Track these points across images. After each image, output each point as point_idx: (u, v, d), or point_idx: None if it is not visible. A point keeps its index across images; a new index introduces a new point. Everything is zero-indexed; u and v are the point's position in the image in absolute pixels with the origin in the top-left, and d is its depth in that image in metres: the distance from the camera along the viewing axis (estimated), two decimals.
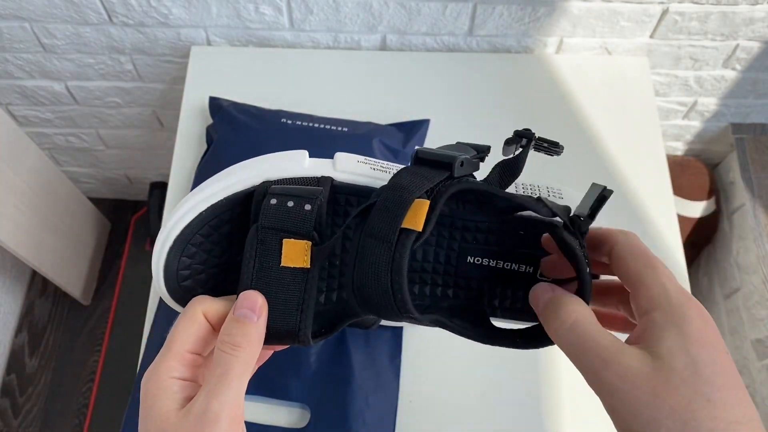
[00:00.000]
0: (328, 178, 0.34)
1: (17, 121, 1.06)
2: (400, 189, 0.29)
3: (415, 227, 0.28)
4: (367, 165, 0.35)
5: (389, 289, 0.29)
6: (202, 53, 0.84)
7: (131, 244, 1.34)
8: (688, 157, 1.08)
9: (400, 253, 0.28)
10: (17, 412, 1.19)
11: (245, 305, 0.31)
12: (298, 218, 0.31)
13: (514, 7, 0.77)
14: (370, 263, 0.29)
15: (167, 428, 0.28)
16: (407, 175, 0.30)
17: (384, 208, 0.29)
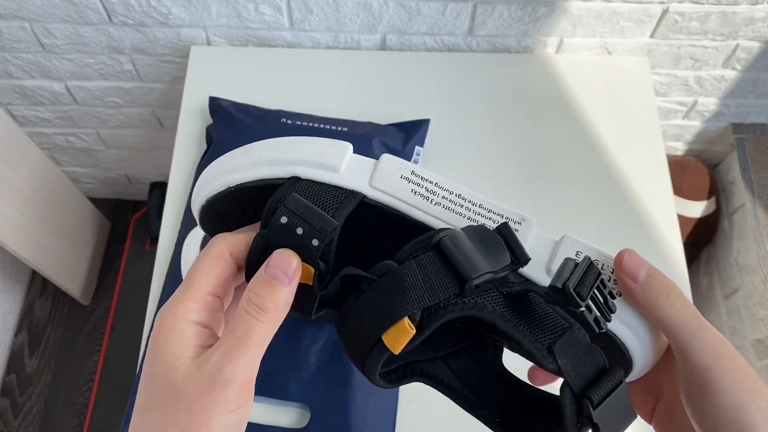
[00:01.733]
0: (358, 194, 0.31)
1: (17, 121, 1.06)
2: (397, 291, 0.27)
3: (392, 349, 0.26)
4: (409, 185, 0.31)
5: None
6: (201, 53, 0.84)
7: (131, 244, 1.34)
8: (688, 157, 1.08)
9: (368, 369, 0.28)
10: (17, 412, 1.19)
11: (279, 265, 0.28)
12: (303, 248, 0.29)
13: (514, 7, 0.77)
14: (350, 345, 0.29)
15: (176, 377, 0.26)
16: (414, 273, 0.27)
17: (371, 303, 0.27)
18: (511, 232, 0.28)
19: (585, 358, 0.27)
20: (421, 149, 0.74)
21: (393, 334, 0.26)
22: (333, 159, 0.31)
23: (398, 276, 0.27)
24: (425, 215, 0.31)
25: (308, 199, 0.30)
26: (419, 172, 0.31)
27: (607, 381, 0.27)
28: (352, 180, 0.31)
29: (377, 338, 0.27)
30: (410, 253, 0.27)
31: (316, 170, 0.31)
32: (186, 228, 0.66)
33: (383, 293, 0.27)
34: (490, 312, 0.27)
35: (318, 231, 0.29)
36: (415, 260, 0.27)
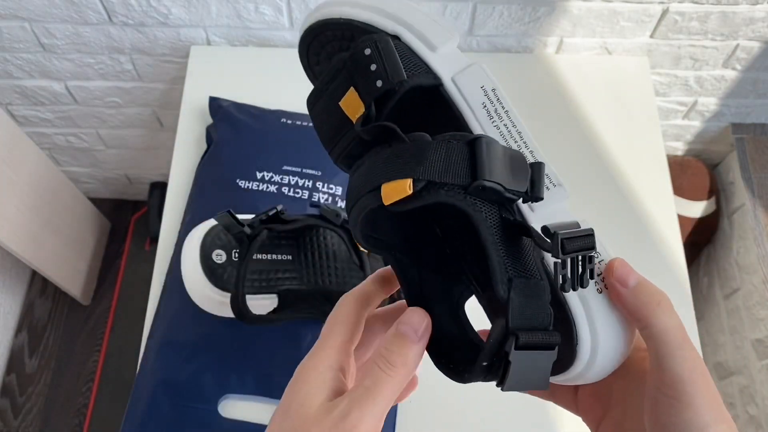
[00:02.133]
0: (438, 78, 0.32)
1: (17, 121, 1.06)
2: (416, 157, 0.28)
3: (384, 198, 0.28)
4: (483, 97, 0.33)
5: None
6: (201, 53, 0.84)
7: (131, 244, 1.34)
8: (688, 157, 1.08)
9: (358, 210, 0.30)
10: (17, 412, 1.19)
11: (410, 322, 0.30)
12: (366, 83, 0.31)
13: (514, 6, 0.77)
14: (353, 188, 0.31)
15: (308, 414, 0.28)
16: (440, 152, 0.28)
17: (390, 157, 0.29)
18: (540, 171, 0.29)
19: (535, 309, 0.28)
20: None
21: (392, 187, 0.28)
22: (436, 38, 0.33)
23: (425, 147, 0.28)
24: (480, 129, 0.32)
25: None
26: (499, 93, 0.33)
27: (541, 336, 0.27)
28: (440, 64, 0.33)
29: (377, 185, 0.28)
30: (447, 138, 0.28)
31: (417, 40, 0.33)
32: (186, 228, 0.66)
33: (404, 153, 0.28)
34: (480, 215, 0.28)
35: (387, 75, 0.31)
36: (447, 143, 0.28)
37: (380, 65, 0.31)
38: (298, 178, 0.68)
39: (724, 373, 1.07)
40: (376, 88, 0.31)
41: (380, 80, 0.31)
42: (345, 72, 0.32)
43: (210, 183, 0.70)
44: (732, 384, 1.04)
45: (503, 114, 0.33)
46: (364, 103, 0.31)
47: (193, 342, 0.60)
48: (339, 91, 0.33)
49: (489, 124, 0.32)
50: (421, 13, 0.33)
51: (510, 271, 0.28)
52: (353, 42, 0.34)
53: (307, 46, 0.37)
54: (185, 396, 0.58)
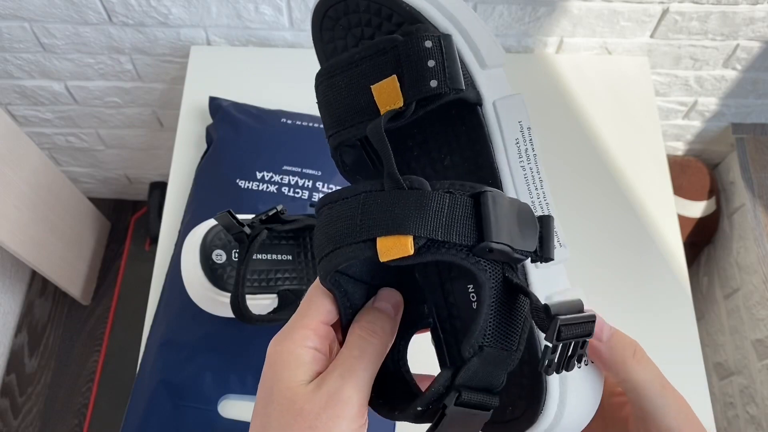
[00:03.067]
0: (480, 98, 0.30)
1: (17, 121, 1.06)
2: (417, 209, 0.26)
3: (381, 255, 0.26)
4: (518, 133, 0.31)
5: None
6: (201, 53, 0.84)
7: (131, 244, 1.34)
8: (689, 157, 1.08)
9: (338, 256, 0.28)
10: (17, 412, 1.19)
11: (387, 298, 0.31)
12: (418, 75, 0.29)
13: (514, 6, 0.77)
14: (332, 223, 0.29)
15: (295, 396, 0.27)
16: (442, 204, 0.26)
17: (385, 204, 0.27)
18: (550, 227, 0.27)
19: (490, 374, 0.27)
20: None
21: (391, 243, 0.26)
22: (490, 56, 0.31)
23: (426, 198, 0.26)
24: (505, 165, 0.30)
25: None
26: (532, 133, 0.31)
27: (482, 398, 0.27)
28: (486, 84, 0.31)
29: (371, 236, 0.26)
30: (448, 188, 0.26)
31: (469, 51, 0.31)
32: (186, 228, 0.66)
33: (402, 202, 0.26)
34: (484, 275, 0.26)
35: (445, 78, 0.28)
36: (450, 195, 0.26)
37: (440, 65, 0.28)
38: (297, 178, 0.68)
39: (724, 373, 1.07)
40: (429, 87, 0.28)
41: (435, 81, 0.28)
42: (392, 55, 0.29)
43: (210, 183, 0.70)
44: (732, 384, 1.04)
45: (532, 156, 0.31)
46: (405, 98, 0.28)
47: (193, 342, 0.60)
48: (376, 72, 0.30)
49: (516, 163, 0.30)
50: (480, 23, 0.31)
51: (487, 339, 0.26)
52: (388, 22, 0.31)
53: (327, 6, 0.34)
54: (185, 396, 0.58)
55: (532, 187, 0.30)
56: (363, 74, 0.31)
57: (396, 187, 0.26)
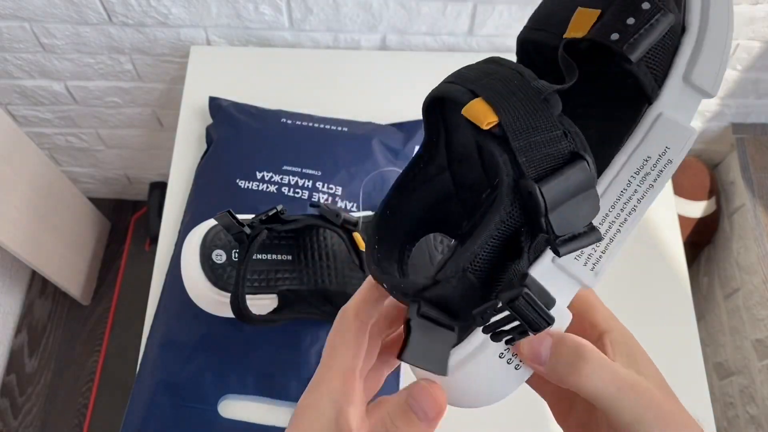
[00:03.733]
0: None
1: (17, 121, 1.06)
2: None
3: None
4: (641, 161, 0.28)
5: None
6: (201, 53, 0.84)
7: (131, 244, 1.34)
8: (689, 157, 1.08)
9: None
10: (17, 412, 1.19)
11: (424, 401, 0.27)
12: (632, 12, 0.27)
13: (514, 6, 0.77)
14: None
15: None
16: (550, 142, 0.25)
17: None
18: (586, 237, 0.26)
19: (458, 300, 0.27)
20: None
21: (479, 108, 0.26)
22: (701, 74, 0.28)
23: (543, 118, 0.26)
24: (617, 167, 0.28)
25: None
26: (669, 169, 0.29)
27: (440, 316, 0.27)
28: (672, 93, 0.28)
29: (476, 94, 0.27)
30: (568, 128, 0.26)
31: (688, 51, 0.28)
32: (186, 228, 0.66)
33: (527, 100, 0.26)
34: (503, 207, 0.26)
35: (633, 46, 0.26)
36: (561, 135, 0.26)
37: (640, 35, 0.26)
38: (298, 178, 0.68)
39: (724, 373, 1.07)
40: (611, 41, 0.26)
41: (620, 39, 0.26)
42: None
43: (210, 183, 0.69)
44: (732, 384, 1.04)
45: (647, 183, 0.28)
46: (587, 34, 0.27)
47: (193, 342, 0.60)
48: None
49: (627, 174, 0.28)
50: (727, 47, 0.28)
51: (475, 265, 0.26)
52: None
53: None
54: (185, 396, 0.58)
55: (619, 204, 0.28)
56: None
57: (537, 91, 0.26)
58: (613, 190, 0.28)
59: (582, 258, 0.28)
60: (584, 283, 0.28)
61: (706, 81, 0.27)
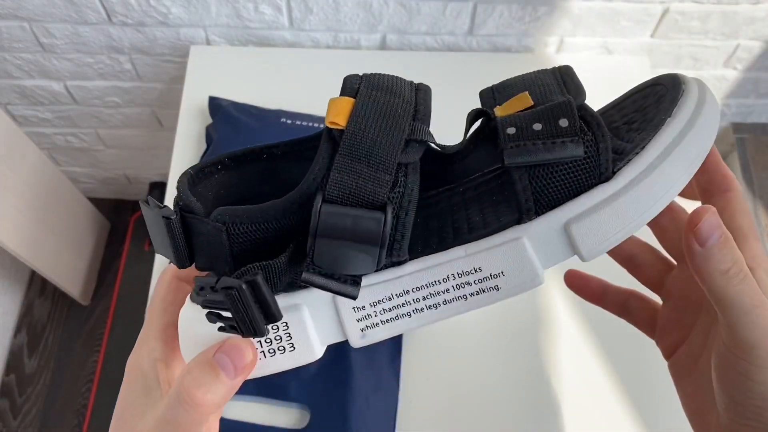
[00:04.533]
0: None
1: (16, 120, 1.06)
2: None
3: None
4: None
5: None
6: (201, 53, 0.84)
7: (130, 244, 1.34)
8: None
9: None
10: (16, 413, 1.19)
11: (231, 353, 0.26)
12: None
13: (514, 6, 0.77)
14: None
15: (116, 416, 0.27)
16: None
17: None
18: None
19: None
20: None
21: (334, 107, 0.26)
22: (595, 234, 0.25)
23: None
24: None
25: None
26: (464, 293, 0.27)
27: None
28: (546, 229, 0.26)
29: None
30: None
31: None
32: None
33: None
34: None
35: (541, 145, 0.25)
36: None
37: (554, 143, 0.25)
38: None
39: None
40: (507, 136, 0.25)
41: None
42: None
43: None
44: None
45: (459, 291, 0.26)
46: (510, 121, 0.25)
47: None
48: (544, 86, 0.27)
49: (450, 270, 0.26)
50: (644, 221, 0.26)
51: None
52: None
53: None
54: None
55: (424, 290, 0.26)
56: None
57: (412, 130, 0.25)
58: (429, 274, 0.26)
59: (360, 312, 0.26)
60: (346, 336, 0.27)
61: (585, 243, 0.25)
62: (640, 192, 0.25)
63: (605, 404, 0.63)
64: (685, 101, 0.26)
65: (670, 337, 0.32)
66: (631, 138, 0.26)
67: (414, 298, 0.26)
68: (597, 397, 0.63)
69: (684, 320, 0.31)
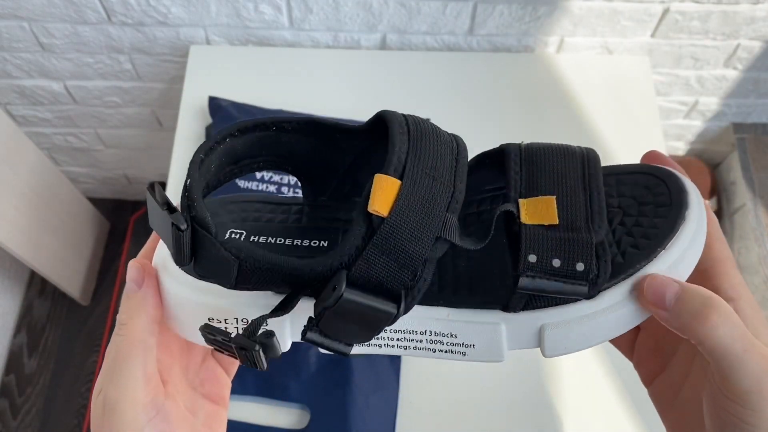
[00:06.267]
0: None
1: (16, 120, 1.06)
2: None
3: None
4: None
5: None
6: (201, 52, 0.84)
7: (130, 244, 1.34)
8: (689, 157, 1.08)
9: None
10: (16, 413, 1.19)
11: (131, 277, 0.28)
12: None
13: (514, 6, 0.77)
14: None
15: (92, 402, 0.28)
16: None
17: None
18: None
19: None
20: None
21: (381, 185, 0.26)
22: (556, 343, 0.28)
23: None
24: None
25: None
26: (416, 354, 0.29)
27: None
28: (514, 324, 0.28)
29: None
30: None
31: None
32: None
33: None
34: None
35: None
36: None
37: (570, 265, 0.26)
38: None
39: None
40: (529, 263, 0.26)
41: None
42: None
43: None
44: None
45: (432, 345, 0.28)
46: (534, 244, 0.26)
47: None
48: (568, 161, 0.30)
49: (431, 325, 0.28)
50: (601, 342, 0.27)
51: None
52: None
53: None
54: None
55: (403, 334, 0.29)
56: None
57: (444, 225, 0.25)
58: (409, 324, 0.28)
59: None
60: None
61: (550, 347, 0.27)
62: (614, 319, 0.27)
63: (606, 406, 0.62)
64: (683, 232, 0.27)
65: (649, 364, 0.32)
66: (624, 248, 0.27)
67: (389, 336, 0.28)
68: (598, 398, 0.63)
69: (663, 349, 0.31)
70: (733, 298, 0.27)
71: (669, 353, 0.30)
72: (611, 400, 0.62)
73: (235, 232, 0.32)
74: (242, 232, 0.32)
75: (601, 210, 0.27)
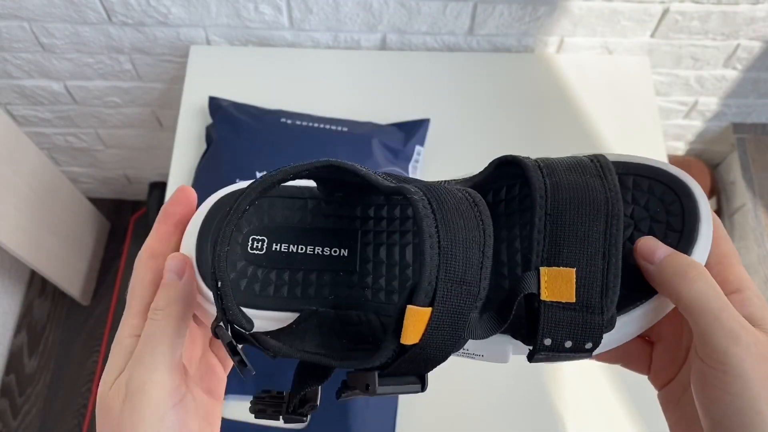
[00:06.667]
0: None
1: (16, 120, 1.06)
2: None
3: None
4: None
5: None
6: (201, 53, 0.84)
7: (130, 244, 1.34)
8: (689, 157, 1.08)
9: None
10: (16, 413, 1.19)
11: (171, 268, 0.30)
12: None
13: (514, 6, 0.77)
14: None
15: (103, 392, 0.28)
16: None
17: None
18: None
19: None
20: (421, 149, 0.74)
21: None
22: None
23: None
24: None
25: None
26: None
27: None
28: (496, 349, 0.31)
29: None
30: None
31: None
32: None
33: None
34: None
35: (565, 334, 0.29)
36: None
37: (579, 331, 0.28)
38: None
39: None
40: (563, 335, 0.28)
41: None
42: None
43: (210, 183, 0.69)
44: None
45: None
46: (551, 324, 0.28)
47: None
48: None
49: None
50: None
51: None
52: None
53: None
54: None
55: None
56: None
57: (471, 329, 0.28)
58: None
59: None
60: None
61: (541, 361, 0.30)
62: (606, 340, 0.29)
63: (606, 407, 0.62)
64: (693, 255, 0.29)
65: (664, 375, 0.32)
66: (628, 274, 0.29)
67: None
68: (598, 399, 0.63)
69: (677, 359, 0.31)
70: (740, 290, 0.27)
71: (682, 360, 0.31)
72: (613, 403, 0.62)
73: (257, 239, 0.32)
74: (264, 239, 0.32)
75: (616, 279, 0.28)
